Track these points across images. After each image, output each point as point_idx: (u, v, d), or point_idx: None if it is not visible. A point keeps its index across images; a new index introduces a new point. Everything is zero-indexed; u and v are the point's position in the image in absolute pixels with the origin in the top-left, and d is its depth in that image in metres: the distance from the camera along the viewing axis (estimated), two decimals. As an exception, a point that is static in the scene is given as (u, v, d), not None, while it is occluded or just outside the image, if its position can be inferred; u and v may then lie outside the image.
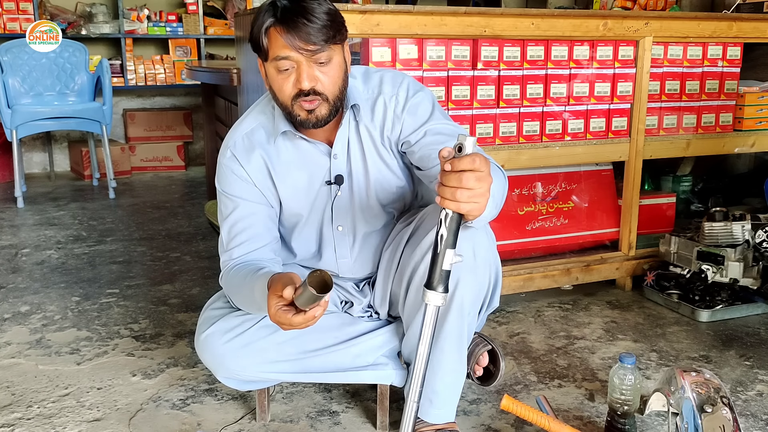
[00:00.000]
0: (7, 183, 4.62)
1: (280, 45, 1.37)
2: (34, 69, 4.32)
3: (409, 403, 1.27)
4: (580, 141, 2.41)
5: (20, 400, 1.80)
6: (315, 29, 1.35)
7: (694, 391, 1.43)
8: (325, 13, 1.38)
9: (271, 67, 1.41)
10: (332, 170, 1.55)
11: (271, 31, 1.38)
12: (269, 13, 1.38)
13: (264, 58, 1.42)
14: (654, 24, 2.39)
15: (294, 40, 1.35)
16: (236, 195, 1.54)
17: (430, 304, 1.20)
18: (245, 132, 1.55)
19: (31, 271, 2.84)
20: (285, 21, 1.35)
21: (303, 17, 1.35)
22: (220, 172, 1.56)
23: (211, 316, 1.59)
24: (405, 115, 1.52)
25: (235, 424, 1.69)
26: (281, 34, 1.36)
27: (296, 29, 1.35)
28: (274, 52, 1.38)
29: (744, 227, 2.37)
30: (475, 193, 1.13)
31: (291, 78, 1.40)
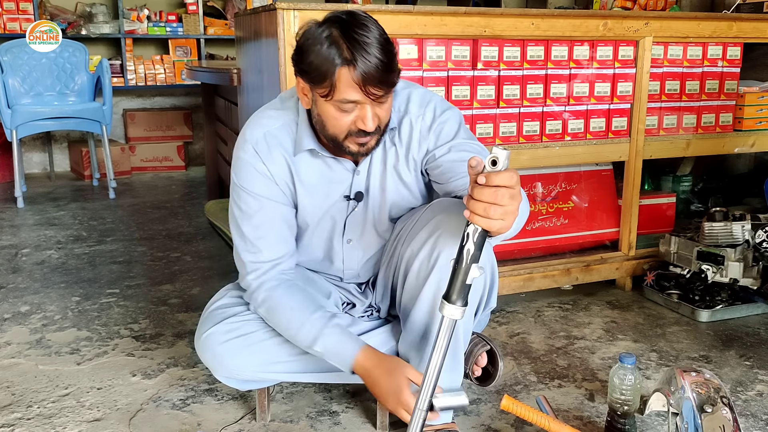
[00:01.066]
0: (7, 183, 4.62)
1: (351, 89, 1.31)
2: (34, 69, 4.32)
3: (417, 411, 1.27)
4: (580, 141, 2.41)
5: (20, 400, 1.80)
6: (388, 74, 1.32)
7: (694, 391, 1.43)
8: (390, 51, 1.32)
9: (328, 104, 1.36)
10: (353, 186, 1.54)
11: (342, 72, 1.30)
12: (335, 49, 1.30)
13: (324, 94, 1.35)
14: (654, 24, 2.39)
15: (369, 88, 1.31)
16: (260, 194, 1.50)
17: (447, 317, 1.19)
18: (268, 130, 1.50)
19: (31, 271, 2.84)
20: (358, 64, 1.29)
21: (376, 61, 1.29)
22: (241, 168, 1.50)
23: (213, 315, 1.59)
24: (431, 135, 1.51)
25: (235, 424, 1.69)
26: (354, 78, 1.30)
27: (372, 77, 1.30)
28: (341, 94, 1.32)
29: (744, 227, 2.37)
30: (507, 210, 1.11)
31: (351, 116, 1.36)
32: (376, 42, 1.30)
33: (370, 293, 1.69)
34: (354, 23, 1.32)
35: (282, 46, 1.94)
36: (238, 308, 1.59)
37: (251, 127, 1.52)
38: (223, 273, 2.77)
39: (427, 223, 1.45)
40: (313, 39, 1.33)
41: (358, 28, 1.31)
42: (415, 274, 1.47)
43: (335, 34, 1.31)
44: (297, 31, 1.41)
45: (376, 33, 1.32)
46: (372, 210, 1.58)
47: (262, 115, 1.54)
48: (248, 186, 1.50)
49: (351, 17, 1.33)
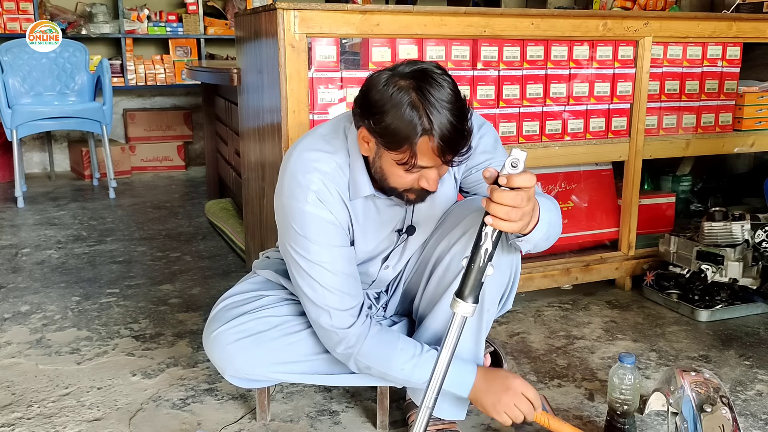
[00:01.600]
0: (7, 183, 4.62)
1: (430, 158, 1.28)
2: (35, 69, 4.32)
3: (423, 408, 1.26)
4: (579, 141, 2.41)
5: (20, 399, 1.80)
6: (465, 145, 1.29)
7: (693, 391, 1.44)
8: (467, 117, 1.30)
9: (398, 165, 1.31)
10: (406, 220, 1.53)
11: (423, 142, 1.26)
12: (416, 115, 1.24)
13: (400, 161, 1.30)
14: (654, 24, 2.39)
15: (446, 157, 1.28)
16: (333, 243, 1.42)
17: (458, 314, 1.20)
18: (324, 177, 1.40)
19: (32, 271, 2.84)
20: (442, 137, 1.25)
21: (458, 133, 1.27)
22: (307, 220, 1.39)
23: (223, 314, 1.57)
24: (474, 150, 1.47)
25: (235, 424, 1.69)
26: (434, 149, 1.26)
27: (452, 149, 1.27)
28: (418, 162, 1.29)
29: (743, 227, 2.37)
30: (525, 212, 1.14)
31: (416, 175, 1.33)
32: (453, 108, 1.27)
33: (384, 297, 1.69)
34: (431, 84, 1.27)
35: (282, 46, 1.94)
36: (248, 306, 1.57)
37: (303, 170, 1.41)
38: (223, 273, 2.77)
39: (462, 221, 1.46)
40: (391, 101, 1.27)
41: (436, 92, 1.26)
42: (446, 265, 1.48)
43: (414, 99, 1.25)
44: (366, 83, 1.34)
45: (452, 96, 1.28)
46: (417, 239, 1.57)
47: (310, 157, 1.42)
48: (318, 238, 1.40)
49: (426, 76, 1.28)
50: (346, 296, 1.44)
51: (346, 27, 1.99)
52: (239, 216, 3.16)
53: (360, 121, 1.34)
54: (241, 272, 2.67)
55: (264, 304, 1.57)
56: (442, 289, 1.50)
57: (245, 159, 2.64)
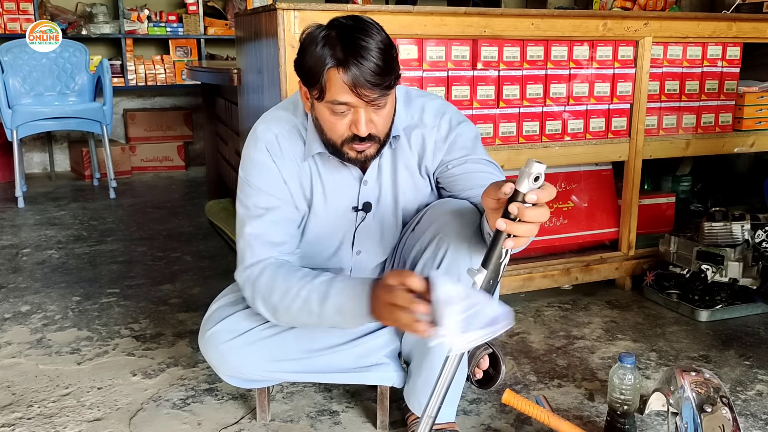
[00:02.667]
0: (7, 183, 4.62)
1: (342, 91, 1.29)
2: (35, 69, 4.33)
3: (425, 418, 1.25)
4: (579, 141, 2.41)
5: (21, 399, 1.80)
6: (381, 77, 1.28)
7: (693, 391, 1.44)
8: (389, 55, 1.30)
9: (323, 106, 1.35)
10: (361, 197, 1.53)
11: (331, 72, 1.28)
12: (329, 49, 1.28)
13: (317, 96, 1.34)
14: (653, 24, 2.39)
15: (358, 87, 1.28)
16: (269, 192, 1.47)
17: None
18: (279, 132, 1.48)
19: (32, 271, 2.84)
20: (349, 64, 1.26)
21: (369, 62, 1.26)
22: (252, 166, 1.48)
23: (217, 314, 1.58)
24: (445, 146, 1.50)
25: (236, 424, 1.69)
26: (345, 80, 1.27)
27: (362, 76, 1.27)
28: (332, 95, 1.30)
29: (743, 227, 2.37)
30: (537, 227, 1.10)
31: (345, 120, 1.34)
32: (373, 45, 1.28)
33: None
34: (354, 27, 1.30)
35: (282, 46, 1.94)
36: (241, 305, 1.57)
37: (262, 126, 1.50)
38: (224, 273, 2.77)
39: (431, 225, 1.45)
40: (311, 40, 1.32)
41: (357, 32, 1.29)
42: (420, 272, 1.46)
43: (332, 35, 1.29)
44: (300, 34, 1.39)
45: (376, 37, 1.29)
46: (383, 219, 1.56)
47: (272, 116, 1.52)
48: (257, 183, 1.47)
49: (353, 21, 1.32)
50: (270, 238, 1.44)
51: (346, 27, 1.99)
52: (239, 216, 3.15)
53: (296, 72, 1.38)
54: (241, 272, 2.67)
55: None
56: None
57: (245, 159, 2.64)
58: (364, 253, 1.60)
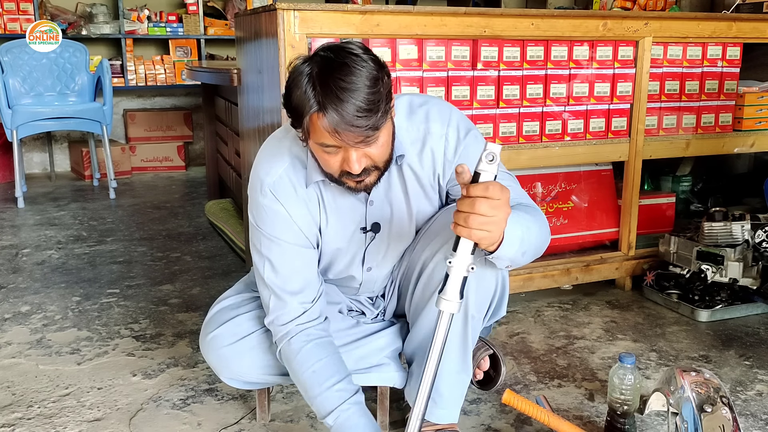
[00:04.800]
0: (7, 183, 4.62)
1: (325, 135, 1.23)
2: (35, 69, 4.33)
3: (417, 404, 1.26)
4: (579, 141, 2.41)
5: (21, 399, 1.80)
6: (366, 118, 1.20)
7: (693, 391, 1.44)
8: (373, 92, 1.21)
9: (312, 144, 1.29)
10: (368, 217, 1.50)
11: (312, 117, 1.22)
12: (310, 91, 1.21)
13: (302, 138, 1.30)
14: (653, 24, 2.39)
15: (341, 134, 1.21)
16: (281, 238, 1.43)
17: (444, 311, 1.20)
18: (283, 170, 1.42)
19: (32, 271, 2.84)
20: (328, 110, 1.19)
21: (350, 105, 1.18)
22: (260, 213, 1.43)
23: (219, 317, 1.57)
24: (457, 159, 1.46)
25: (236, 425, 1.69)
26: (325, 126, 1.21)
27: (343, 122, 1.19)
28: (317, 138, 1.25)
29: (743, 227, 2.37)
30: (488, 221, 1.11)
31: (337, 157, 1.28)
32: (357, 83, 1.20)
33: (381, 302, 1.68)
34: (336, 63, 1.22)
35: (282, 46, 1.94)
36: (243, 308, 1.58)
37: (264, 164, 1.44)
38: (223, 273, 2.77)
39: (443, 229, 1.44)
40: (295, 78, 1.24)
41: (336, 69, 1.20)
42: (429, 276, 1.47)
43: (313, 74, 1.22)
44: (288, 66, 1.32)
45: (361, 73, 1.21)
46: (393, 237, 1.54)
47: (270, 152, 1.46)
48: (269, 231, 1.43)
49: (336, 54, 1.23)
50: (293, 288, 1.45)
51: (346, 27, 1.99)
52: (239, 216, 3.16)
53: None
54: (241, 272, 2.67)
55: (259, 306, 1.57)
56: (426, 296, 1.48)
57: (245, 159, 2.64)
58: (375, 268, 1.59)
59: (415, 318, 1.54)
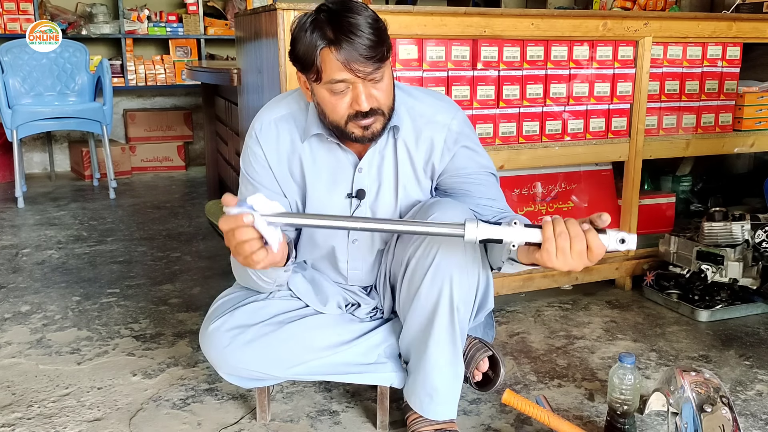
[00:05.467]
0: (7, 183, 4.62)
1: (336, 68, 1.32)
2: (35, 69, 4.33)
3: None
4: (579, 141, 2.41)
5: (20, 399, 1.80)
6: (372, 50, 1.31)
7: (693, 391, 1.44)
8: (377, 28, 1.34)
9: (322, 89, 1.38)
10: (354, 184, 1.54)
11: (324, 52, 1.32)
12: (318, 32, 1.32)
13: (314, 78, 1.37)
14: (653, 24, 2.39)
15: (352, 63, 1.31)
16: (255, 179, 1.54)
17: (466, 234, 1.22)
18: (276, 117, 1.53)
19: (32, 271, 2.84)
20: (340, 42, 1.30)
21: (359, 37, 1.30)
22: (244, 153, 1.56)
23: (218, 311, 1.58)
24: (458, 148, 1.53)
25: (236, 424, 1.69)
26: (338, 58, 1.31)
27: (354, 51, 1.30)
28: (329, 75, 1.34)
29: (743, 227, 2.37)
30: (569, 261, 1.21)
31: (346, 98, 1.37)
32: (361, 20, 1.32)
33: (376, 295, 1.69)
34: (341, 8, 1.34)
35: (282, 46, 1.94)
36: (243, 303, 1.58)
37: (261, 113, 1.55)
38: (224, 273, 2.77)
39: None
40: (300, 27, 1.35)
41: (344, 11, 1.32)
42: (411, 272, 1.48)
43: (320, 18, 1.33)
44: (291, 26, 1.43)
45: (364, 13, 1.33)
46: (381, 210, 1.56)
47: (273, 104, 1.58)
48: (246, 169, 1.55)
49: (339, 4, 1.35)
50: None
51: (346, 27, 1.99)
52: (239, 216, 3.16)
53: (293, 63, 1.41)
54: (241, 272, 2.67)
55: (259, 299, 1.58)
56: (412, 293, 1.49)
57: (245, 159, 2.64)
58: (360, 242, 1.61)
59: (404, 315, 1.55)
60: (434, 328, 1.47)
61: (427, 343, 1.49)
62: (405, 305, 1.53)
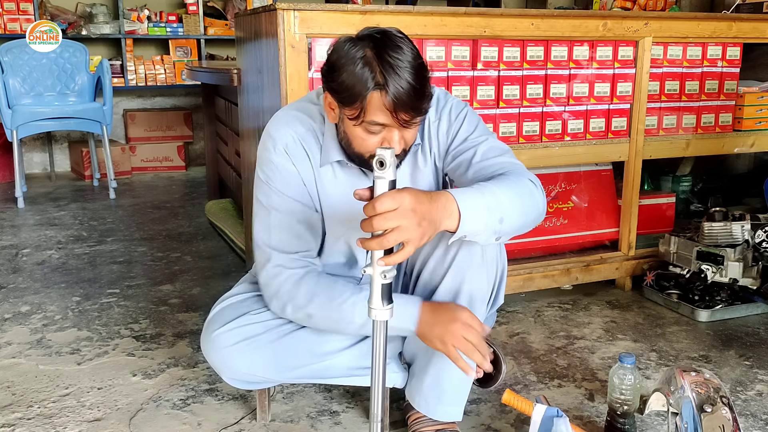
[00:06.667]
0: (7, 183, 4.62)
1: (381, 112, 1.28)
2: (35, 69, 4.33)
3: (374, 423, 1.23)
4: (579, 141, 2.41)
5: (21, 400, 1.80)
6: (420, 101, 1.28)
7: (693, 391, 1.44)
8: (424, 77, 1.29)
9: (356, 124, 1.33)
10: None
11: (373, 96, 1.27)
12: (369, 71, 1.26)
13: (354, 116, 1.31)
14: (653, 24, 2.39)
15: (399, 113, 1.27)
16: (294, 197, 1.47)
17: (377, 320, 1.15)
18: (299, 133, 1.47)
19: (32, 271, 2.84)
20: (391, 89, 1.25)
21: (410, 87, 1.26)
22: (272, 170, 1.47)
23: (222, 314, 1.56)
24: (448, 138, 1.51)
25: (236, 425, 1.69)
26: (385, 103, 1.27)
27: (403, 103, 1.26)
28: (371, 116, 1.29)
29: (743, 227, 2.37)
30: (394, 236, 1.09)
31: (377, 137, 1.33)
32: (409, 66, 1.27)
33: None
34: (388, 44, 1.28)
35: (282, 46, 1.94)
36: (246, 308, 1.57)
37: (278, 125, 1.49)
38: (223, 273, 2.77)
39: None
40: (346, 58, 1.29)
41: (392, 51, 1.27)
42: (430, 273, 1.48)
43: (369, 55, 1.27)
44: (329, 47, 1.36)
45: (409, 56, 1.28)
46: None
47: (287, 116, 1.51)
48: (281, 188, 1.47)
49: (385, 37, 1.30)
50: (293, 240, 1.46)
51: (346, 27, 1.99)
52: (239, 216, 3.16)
53: (323, 85, 1.37)
54: (241, 272, 2.67)
55: (263, 306, 1.56)
56: (429, 291, 1.49)
57: (245, 159, 2.64)
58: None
59: None
60: None
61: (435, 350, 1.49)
62: None
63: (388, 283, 1.13)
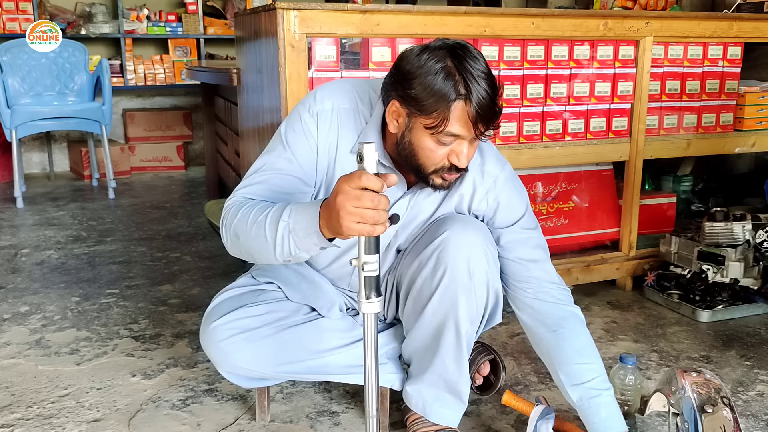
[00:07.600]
0: (6, 183, 4.62)
1: (461, 123, 1.28)
2: (34, 69, 4.32)
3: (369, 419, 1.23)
4: (580, 141, 2.41)
5: (20, 400, 1.80)
6: (497, 114, 1.30)
7: (694, 392, 1.43)
8: (497, 87, 1.30)
9: (426, 134, 1.31)
10: (395, 207, 1.49)
11: (458, 107, 1.26)
12: (451, 82, 1.26)
13: (431, 125, 1.29)
14: (654, 24, 2.39)
15: (479, 123, 1.28)
16: (294, 150, 1.42)
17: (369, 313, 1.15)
18: (340, 107, 1.43)
19: (31, 272, 2.84)
20: (474, 100, 1.26)
21: (491, 97, 1.27)
22: (293, 118, 1.44)
23: (220, 308, 1.56)
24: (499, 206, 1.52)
25: (235, 425, 1.69)
26: (468, 113, 1.27)
27: (485, 112, 1.27)
28: (450, 128, 1.28)
29: (744, 227, 2.37)
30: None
31: (445, 149, 1.32)
32: (487, 77, 1.28)
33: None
34: (468, 55, 1.28)
35: (282, 45, 1.93)
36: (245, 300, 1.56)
37: (325, 91, 1.45)
38: (223, 273, 2.77)
39: (434, 239, 1.44)
40: (425, 68, 1.27)
41: (472, 61, 1.27)
42: (419, 288, 1.47)
43: (450, 65, 1.26)
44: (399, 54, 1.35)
45: (486, 68, 1.29)
46: (404, 236, 1.55)
47: (341, 87, 1.47)
48: (287, 133, 1.43)
49: (463, 48, 1.29)
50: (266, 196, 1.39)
51: (346, 27, 1.99)
52: (239, 216, 3.15)
53: (391, 92, 1.33)
54: (240, 272, 2.66)
55: (262, 299, 1.56)
56: (417, 311, 1.49)
57: (245, 159, 2.64)
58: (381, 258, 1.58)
59: (409, 327, 1.55)
60: (440, 347, 1.49)
61: (432, 360, 1.51)
62: (410, 319, 1.53)
63: (373, 276, 1.12)
